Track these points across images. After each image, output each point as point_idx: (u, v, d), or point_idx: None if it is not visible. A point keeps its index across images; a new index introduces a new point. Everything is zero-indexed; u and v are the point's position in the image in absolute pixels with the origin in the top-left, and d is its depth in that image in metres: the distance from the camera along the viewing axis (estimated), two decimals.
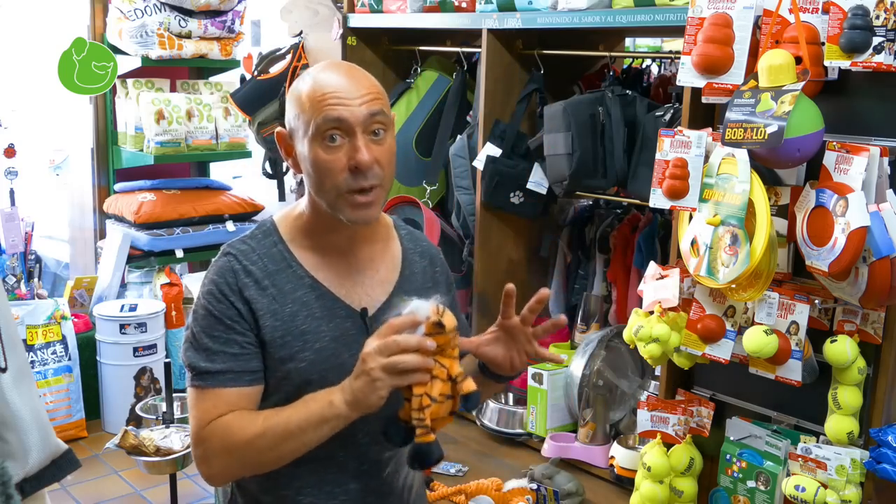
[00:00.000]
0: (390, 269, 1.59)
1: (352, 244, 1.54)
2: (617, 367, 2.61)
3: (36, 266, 4.46)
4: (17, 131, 4.73)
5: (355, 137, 1.41)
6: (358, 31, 3.22)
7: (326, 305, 1.50)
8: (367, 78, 1.47)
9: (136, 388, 4.36)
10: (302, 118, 1.44)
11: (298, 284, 1.50)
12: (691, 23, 1.92)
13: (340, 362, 1.46)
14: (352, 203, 1.43)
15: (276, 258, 1.51)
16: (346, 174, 1.41)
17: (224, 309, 1.46)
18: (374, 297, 1.55)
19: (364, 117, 1.41)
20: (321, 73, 1.46)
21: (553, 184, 2.58)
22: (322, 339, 1.48)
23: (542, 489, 2.29)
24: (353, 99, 1.41)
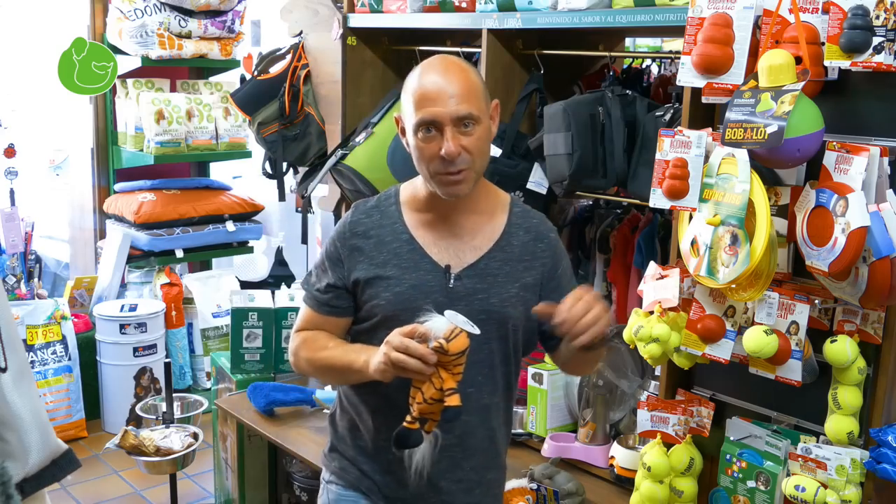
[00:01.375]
0: (486, 238, 1.78)
1: (453, 212, 1.78)
2: (617, 367, 2.60)
3: (36, 266, 4.46)
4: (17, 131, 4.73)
5: (444, 131, 1.66)
6: (358, 31, 3.22)
7: (414, 259, 1.75)
8: (462, 77, 1.69)
9: (136, 388, 4.36)
10: (407, 111, 1.71)
11: (396, 238, 1.77)
12: (691, 23, 1.92)
13: (416, 307, 1.68)
14: (442, 182, 1.69)
15: (388, 215, 1.81)
16: (437, 161, 1.67)
17: (332, 251, 1.81)
18: (462, 259, 1.76)
19: (452, 116, 1.65)
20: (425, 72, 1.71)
21: (553, 184, 2.58)
22: (402, 284, 1.74)
23: (542, 489, 2.29)
24: (447, 99, 1.65)
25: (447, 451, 1.75)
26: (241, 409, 2.97)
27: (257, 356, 3.19)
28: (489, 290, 1.75)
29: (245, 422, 2.93)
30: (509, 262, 1.77)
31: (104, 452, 4.02)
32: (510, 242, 1.79)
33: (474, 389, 1.73)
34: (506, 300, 1.76)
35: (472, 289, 1.74)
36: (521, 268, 1.78)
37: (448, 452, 1.75)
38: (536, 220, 1.85)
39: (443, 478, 1.78)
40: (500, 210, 1.82)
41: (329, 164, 3.16)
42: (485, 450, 1.82)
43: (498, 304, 1.75)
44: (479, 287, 1.74)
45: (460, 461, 1.79)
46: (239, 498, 3.15)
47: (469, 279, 1.74)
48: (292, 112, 3.52)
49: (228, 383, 3.26)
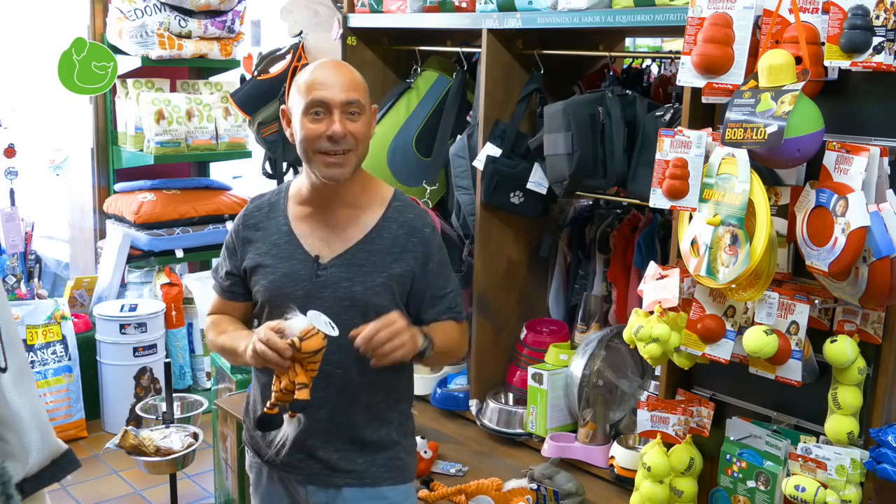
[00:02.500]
0: (358, 230, 1.93)
1: (331, 205, 1.93)
2: (617, 367, 2.61)
3: (36, 266, 4.46)
4: (17, 131, 4.73)
5: (333, 114, 1.83)
6: (358, 31, 3.22)
7: (290, 249, 1.93)
8: (350, 72, 1.90)
9: (136, 388, 4.36)
10: (296, 99, 1.87)
11: (277, 230, 1.96)
12: (691, 23, 1.92)
13: (286, 293, 1.90)
14: (325, 162, 1.85)
15: (276, 208, 1.99)
16: (322, 140, 1.83)
17: (229, 242, 2.03)
18: (332, 249, 1.92)
19: (342, 100, 1.83)
20: (316, 67, 1.89)
21: (553, 184, 2.58)
22: (277, 272, 1.93)
23: (542, 489, 2.29)
24: (336, 86, 1.84)
25: (319, 424, 1.92)
26: (241, 409, 2.96)
27: None
28: (353, 279, 1.89)
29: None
30: (377, 254, 1.91)
31: (104, 452, 4.02)
32: (381, 235, 1.93)
33: (341, 370, 1.89)
34: (370, 289, 1.89)
35: (338, 277, 1.89)
36: (390, 259, 1.91)
37: (321, 426, 1.93)
38: (413, 214, 1.98)
39: (320, 448, 1.95)
40: (378, 204, 1.96)
41: None
42: (361, 426, 1.96)
43: (361, 293, 1.89)
44: (343, 276, 1.89)
45: (333, 435, 1.95)
46: (239, 498, 3.15)
47: (336, 268, 1.90)
48: None
49: (228, 383, 3.26)
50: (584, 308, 2.86)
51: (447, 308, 2.00)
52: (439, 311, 1.99)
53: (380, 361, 1.78)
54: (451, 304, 2.01)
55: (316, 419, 1.90)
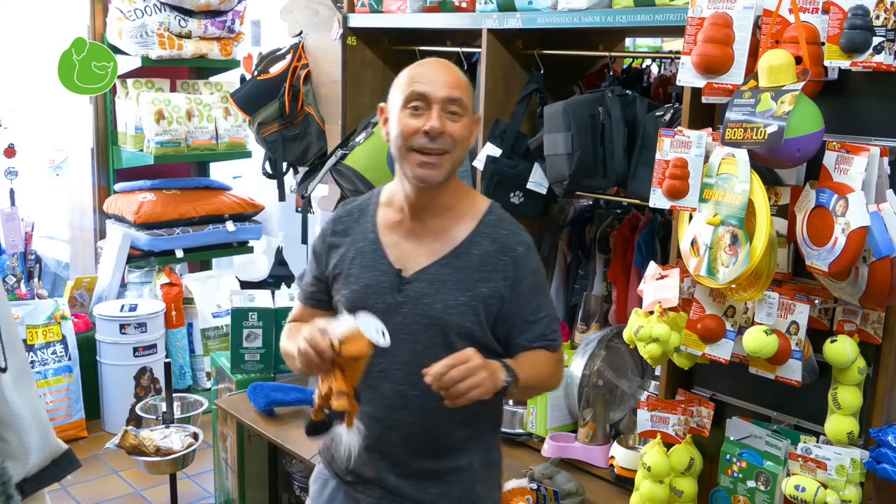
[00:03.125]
0: (446, 244, 1.79)
1: (422, 213, 1.80)
2: (617, 367, 2.61)
3: (36, 266, 4.46)
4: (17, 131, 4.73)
5: (432, 109, 1.70)
6: (358, 31, 3.22)
7: (374, 259, 1.80)
8: (455, 71, 1.77)
9: (136, 388, 4.36)
10: (395, 95, 1.75)
11: (364, 237, 1.83)
12: (691, 23, 1.92)
13: (367, 305, 1.74)
14: (418, 162, 1.71)
15: (365, 213, 1.87)
16: (419, 136, 1.70)
17: (316, 246, 1.91)
18: (417, 262, 1.78)
19: (443, 97, 1.70)
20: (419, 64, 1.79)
21: (553, 184, 2.58)
22: (358, 283, 1.80)
23: (542, 489, 2.29)
24: (439, 81, 1.71)
25: (392, 447, 1.80)
26: (241, 409, 2.97)
27: (257, 356, 3.19)
28: (434, 296, 1.74)
29: (245, 422, 2.93)
30: (463, 270, 1.76)
31: (104, 452, 4.02)
32: (469, 251, 1.78)
33: (418, 393, 1.71)
34: (451, 308, 1.74)
35: (420, 293, 1.75)
36: (477, 278, 1.75)
37: (393, 450, 1.80)
38: (507, 231, 1.82)
39: (391, 473, 1.82)
40: (471, 217, 1.81)
41: (329, 164, 3.16)
42: (433, 453, 1.81)
43: (441, 311, 1.74)
44: (425, 292, 1.74)
45: (404, 460, 1.81)
46: (239, 498, 3.15)
47: (418, 283, 1.76)
48: (292, 112, 3.52)
49: (228, 383, 3.26)
50: (584, 308, 2.86)
51: (539, 335, 1.81)
52: (530, 338, 1.80)
53: (454, 402, 1.59)
54: (545, 330, 1.82)
55: (389, 442, 1.79)
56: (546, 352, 1.83)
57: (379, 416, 1.79)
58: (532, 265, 1.83)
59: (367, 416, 1.78)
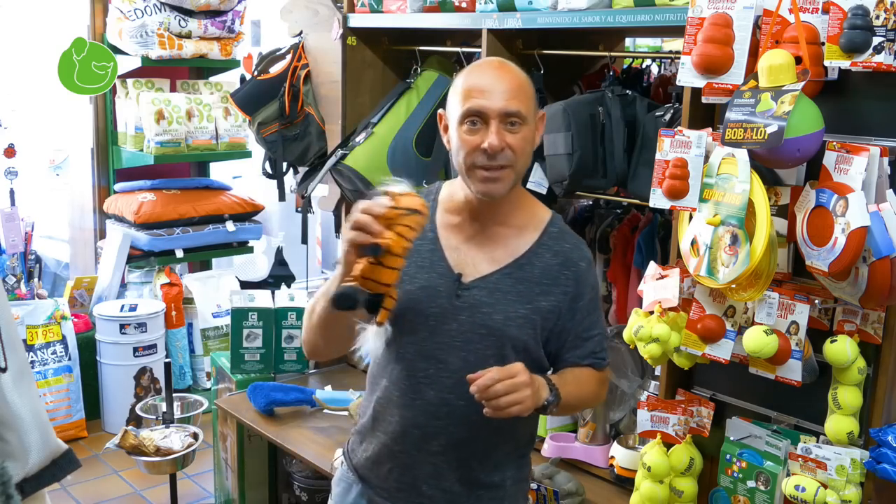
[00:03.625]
0: (508, 253, 1.75)
1: (483, 219, 1.75)
2: (617, 367, 2.60)
3: (36, 266, 4.46)
4: (17, 131, 4.73)
5: (490, 124, 1.64)
6: (358, 31, 3.22)
7: (432, 259, 1.73)
8: (514, 76, 1.70)
9: (136, 388, 4.36)
10: (453, 105, 1.69)
11: (423, 235, 1.68)
12: (691, 23, 1.92)
13: (421, 308, 1.70)
14: (480, 177, 1.67)
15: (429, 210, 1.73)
16: (478, 153, 1.65)
17: None
18: (477, 269, 1.73)
19: (500, 111, 1.64)
20: (477, 68, 1.73)
21: (553, 184, 2.58)
22: (413, 283, 1.70)
23: (542, 489, 2.29)
24: (496, 93, 1.65)
25: (431, 456, 1.76)
26: (241, 409, 2.97)
27: (257, 356, 3.19)
28: (494, 307, 1.71)
29: (245, 422, 2.93)
30: (524, 282, 1.72)
31: (104, 452, 4.02)
32: (532, 262, 1.75)
33: (464, 403, 1.68)
34: (511, 319, 1.71)
35: (479, 301, 1.70)
36: (538, 290, 1.73)
37: (432, 459, 1.76)
38: (570, 244, 1.80)
39: (425, 483, 1.78)
40: (534, 227, 1.78)
41: (329, 164, 3.16)
42: (475, 467, 1.78)
43: (501, 322, 1.70)
44: (485, 301, 1.70)
45: (443, 471, 1.77)
46: (239, 498, 3.15)
47: (478, 290, 1.71)
48: (292, 112, 3.52)
49: (228, 383, 3.26)
50: None
51: (590, 353, 1.79)
52: (581, 355, 1.79)
53: (494, 414, 1.56)
54: (596, 348, 1.80)
55: (427, 450, 1.75)
56: (593, 370, 1.81)
57: (420, 423, 1.75)
58: (592, 281, 1.81)
59: (409, 421, 1.75)
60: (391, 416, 1.77)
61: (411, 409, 1.74)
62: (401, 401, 1.75)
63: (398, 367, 1.75)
